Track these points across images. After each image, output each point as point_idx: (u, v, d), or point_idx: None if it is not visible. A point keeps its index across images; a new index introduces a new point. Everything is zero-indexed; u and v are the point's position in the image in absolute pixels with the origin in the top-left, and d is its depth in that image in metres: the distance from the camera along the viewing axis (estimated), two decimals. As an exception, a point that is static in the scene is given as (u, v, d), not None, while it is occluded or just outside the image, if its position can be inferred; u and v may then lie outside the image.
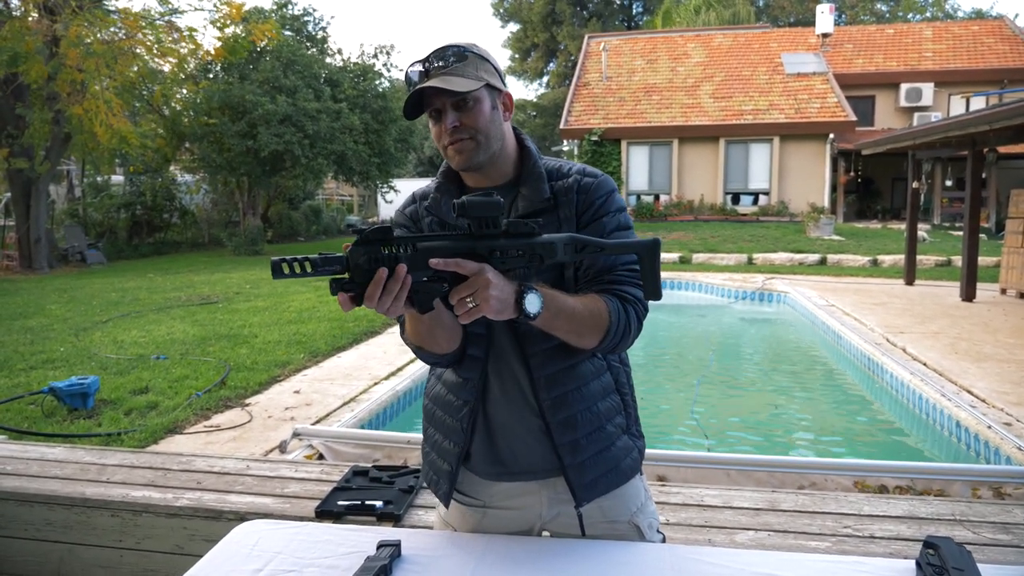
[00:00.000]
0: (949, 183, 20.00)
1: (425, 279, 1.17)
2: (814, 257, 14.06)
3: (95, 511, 2.59)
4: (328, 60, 21.69)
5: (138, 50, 15.28)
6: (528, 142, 1.46)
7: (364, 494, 2.54)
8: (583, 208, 1.39)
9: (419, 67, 1.35)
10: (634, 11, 42.57)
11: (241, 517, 2.47)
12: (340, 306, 1.13)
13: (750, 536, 2.26)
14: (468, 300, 1.15)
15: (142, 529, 2.56)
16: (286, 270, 1.07)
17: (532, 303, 1.19)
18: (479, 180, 1.43)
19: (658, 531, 1.52)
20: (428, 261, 1.15)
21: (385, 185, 23.54)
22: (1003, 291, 9.82)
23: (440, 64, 1.33)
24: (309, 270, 1.08)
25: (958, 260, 12.61)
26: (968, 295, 9.25)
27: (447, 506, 1.53)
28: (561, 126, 20.66)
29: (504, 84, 1.42)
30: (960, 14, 38.01)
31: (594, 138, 20.00)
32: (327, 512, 2.42)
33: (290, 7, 22.68)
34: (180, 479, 2.78)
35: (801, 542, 2.22)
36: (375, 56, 22.05)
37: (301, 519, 2.44)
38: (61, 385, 4.84)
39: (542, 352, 1.39)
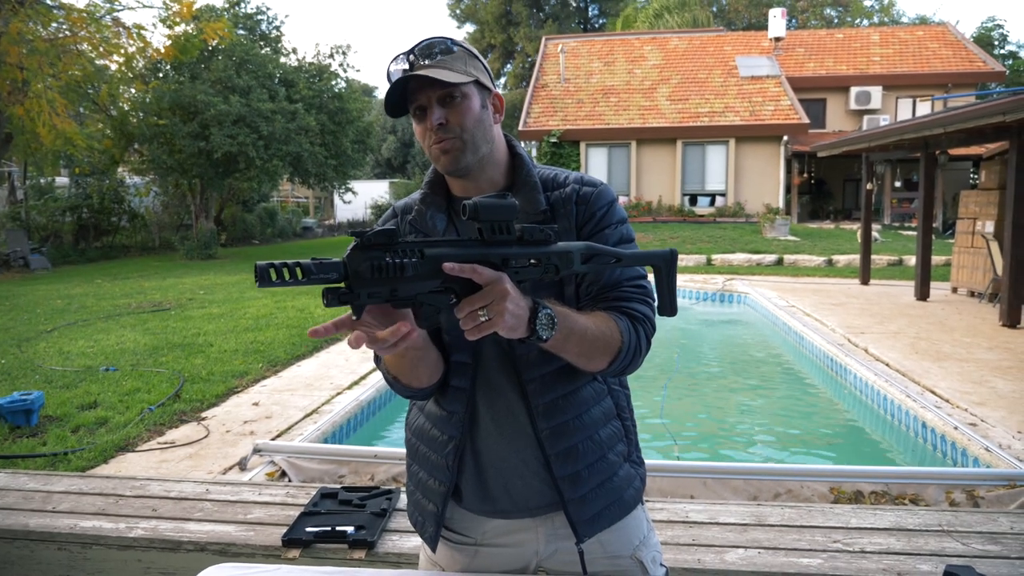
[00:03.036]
0: (898, 184, 20.52)
1: (430, 291, 1.03)
2: (771, 258, 14.27)
3: (39, 544, 2.40)
4: (283, 60, 21.28)
5: (83, 47, 14.73)
6: (520, 149, 1.35)
7: (334, 519, 2.40)
8: (583, 220, 1.29)
9: (402, 60, 1.23)
10: (590, 13, 42.77)
11: (201, 548, 2.31)
12: (317, 333, 0.96)
13: (740, 555, 2.18)
14: (480, 313, 1.02)
15: (92, 563, 2.37)
16: (274, 277, 0.91)
17: (546, 323, 1.07)
18: (468, 189, 1.31)
19: (661, 564, 1.42)
20: (441, 266, 1.01)
21: (342, 187, 23.19)
22: (954, 290, 10.07)
23: (424, 56, 1.22)
24: (301, 277, 0.93)
25: (910, 259, 12.95)
26: (923, 294, 9.45)
27: (434, 550, 1.40)
28: (520, 127, 20.58)
29: (494, 85, 1.31)
30: (905, 20, 39.16)
31: (553, 140, 19.98)
32: (295, 540, 2.27)
33: (242, 5, 22.20)
34: (133, 506, 2.60)
35: (792, 559, 2.15)
36: (331, 56, 21.72)
37: (267, 548, 2.29)
38: (2, 401, 4.55)
39: (540, 378, 1.28)
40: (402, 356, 1.18)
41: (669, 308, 1.25)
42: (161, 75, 18.45)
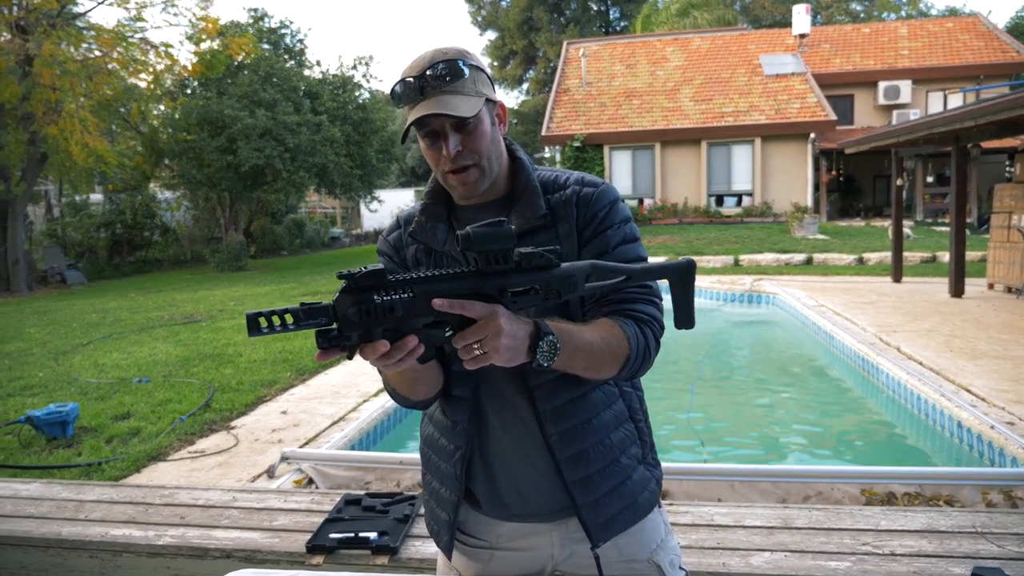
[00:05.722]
0: (930, 179, 20.13)
1: (425, 325, 1.03)
2: (800, 257, 14.06)
3: (72, 552, 2.45)
4: (307, 72, 21.56)
5: (113, 67, 15.09)
6: (520, 153, 1.34)
7: (357, 525, 2.41)
8: (584, 222, 1.27)
9: (412, 82, 1.21)
10: (611, 17, 42.69)
11: (228, 554, 2.34)
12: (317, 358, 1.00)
13: (766, 558, 2.15)
14: (475, 347, 1.02)
15: (123, 570, 2.42)
16: (264, 325, 0.92)
17: (547, 351, 1.07)
18: (469, 197, 1.31)
19: (680, 567, 1.40)
20: (431, 302, 1.01)
21: (368, 196, 23.39)
22: (991, 286, 9.83)
23: (435, 79, 1.19)
24: (291, 323, 0.94)
25: (943, 256, 12.68)
26: (957, 291, 9.24)
27: (449, 558, 1.41)
28: (543, 133, 20.60)
29: (495, 93, 1.31)
30: (934, 12, 38.48)
31: (576, 144, 19.96)
32: (319, 547, 2.29)
33: (267, 20, 22.54)
34: (162, 514, 2.64)
35: (820, 563, 2.11)
36: (354, 67, 21.96)
37: (291, 555, 2.31)
38: (39, 414, 4.66)
39: (547, 384, 1.27)
40: (402, 373, 1.18)
41: (686, 321, 1.21)
42: (189, 91, 18.81)
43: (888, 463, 4.54)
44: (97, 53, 15.10)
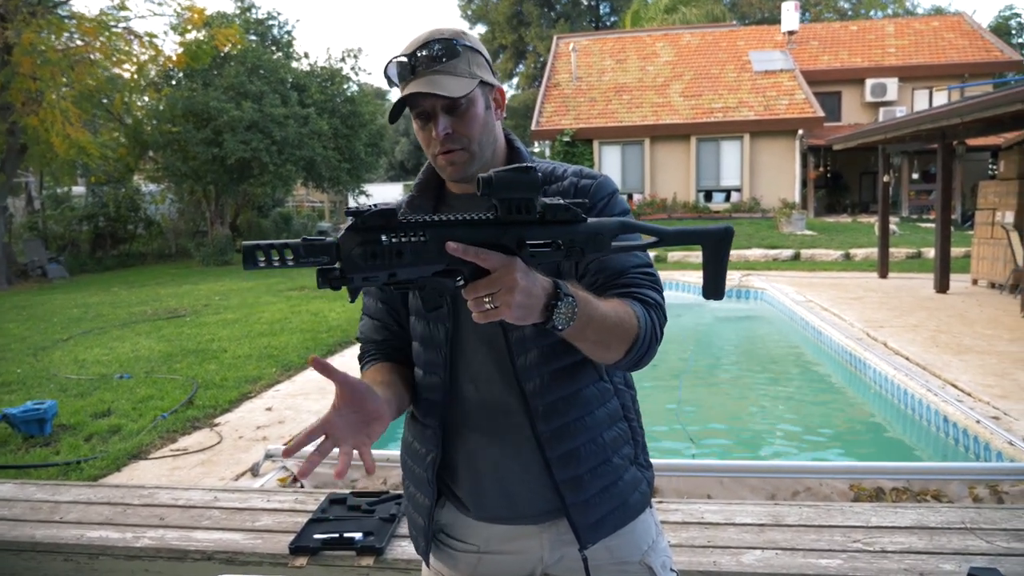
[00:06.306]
0: (916, 176, 20.24)
1: (435, 272, 0.96)
2: (788, 252, 14.12)
3: (46, 556, 2.38)
4: (294, 64, 21.34)
5: (95, 56, 14.86)
6: (518, 143, 1.31)
7: (342, 525, 2.36)
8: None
9: (404, 61, 1.17)
10: (601, 11, 42.62)
11: (208, 556, 2.28)
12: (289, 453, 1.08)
13: (757, 556, 2.12)
14: (486, 300, 0.96)
15: (99, 574, 2.35)
16: (260, 259, 0.87)
17: (564, 314, 0.99)
18: (465, 187, 1.27)
19: (671, 570, 1.37)
20: (444, 248, 0.94)
21: (356, 190, 23.24)
22: (975, 282, 9.90)
23: (428, 59, 1.16)
24: (290, 259, 0.88)
25: (928, 252, 12.77)
26: (942, 287, 9.29)
27: (427, 563, 1.38)
28: (532, 127, 20.51)
29: (496, 77, 1.26)
30: (920, 10, 38.68)
31: (566, 139, 19.89)
32: (303, 548, 2.24)
33: (254, 11, 22.31)
34: (141, 515, 2.58)
35: (811, 560, 2.09)
36: (342, 60, 21.76)
37: (274, 556, 2.26)
38: (15, 411, 4.57)
39: (540, 378, 1.23)
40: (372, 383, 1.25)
41: (715, 291, 1.12)
42: (174, 82, 18.58)
43: (875, 458, 4.55)
44: (79, 42, 14.86)
